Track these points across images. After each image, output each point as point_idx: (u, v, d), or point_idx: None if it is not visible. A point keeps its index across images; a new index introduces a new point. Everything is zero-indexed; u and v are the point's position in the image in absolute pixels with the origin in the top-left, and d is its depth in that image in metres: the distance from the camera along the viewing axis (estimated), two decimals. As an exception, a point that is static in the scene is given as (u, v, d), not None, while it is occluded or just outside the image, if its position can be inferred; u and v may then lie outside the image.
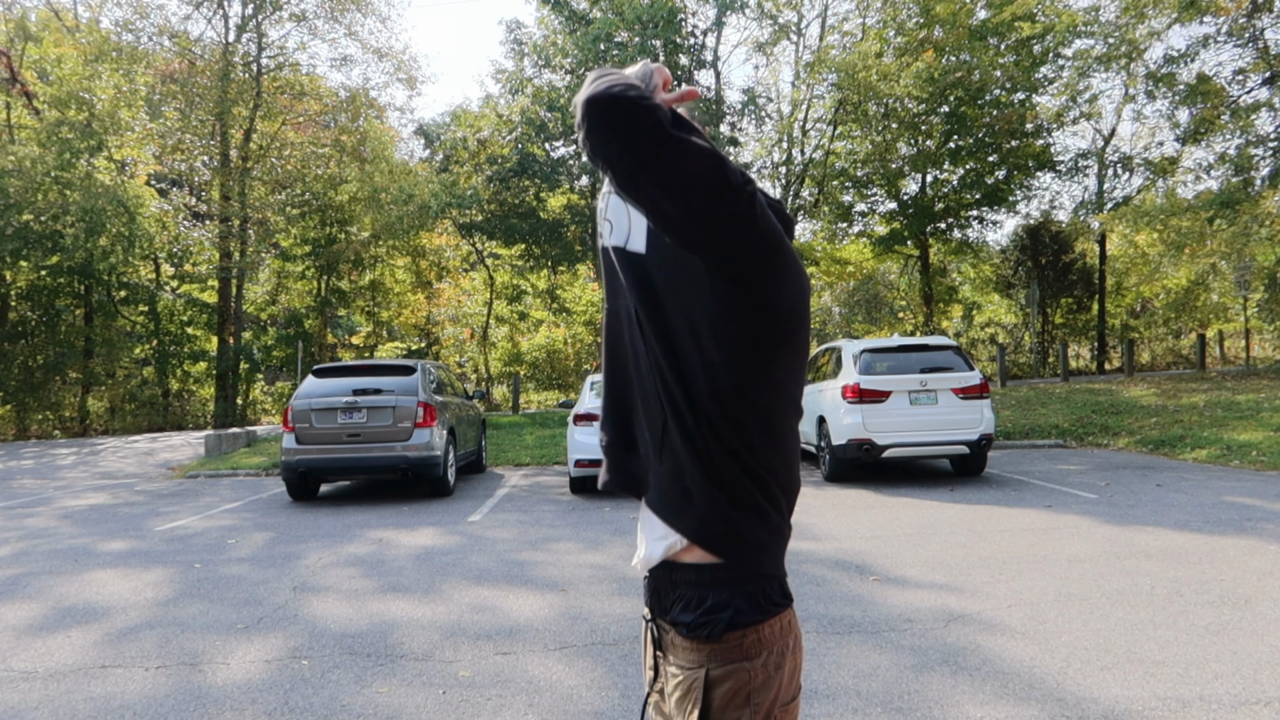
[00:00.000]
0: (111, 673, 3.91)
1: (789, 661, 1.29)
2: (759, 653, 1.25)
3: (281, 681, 3.75)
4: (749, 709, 1.24)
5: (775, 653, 1.26)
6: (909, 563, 5.63)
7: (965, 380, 9.41)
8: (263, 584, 5.58)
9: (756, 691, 1.24)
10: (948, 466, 10.33)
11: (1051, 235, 26.89)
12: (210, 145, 24.12)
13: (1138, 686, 3.41)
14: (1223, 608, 4.41)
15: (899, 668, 3.70)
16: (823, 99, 23.55)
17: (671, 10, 20.92)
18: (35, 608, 5.11)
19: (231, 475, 12.55)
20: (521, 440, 14.93)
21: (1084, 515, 7.12)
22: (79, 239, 19.90)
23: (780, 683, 1.27)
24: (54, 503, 9.92)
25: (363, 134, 24.81)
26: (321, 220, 25.24)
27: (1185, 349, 29.59)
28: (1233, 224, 16.99)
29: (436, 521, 7.92)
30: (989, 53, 22.20)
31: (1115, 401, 15.25)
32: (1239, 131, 18.80)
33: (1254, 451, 10.32)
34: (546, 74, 23.25)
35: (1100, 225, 23.85)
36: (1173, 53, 19.56)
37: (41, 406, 23.62)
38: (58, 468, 13.84)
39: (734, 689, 1.24)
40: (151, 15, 22.89)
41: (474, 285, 31.61)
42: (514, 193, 24.37)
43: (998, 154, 23.89)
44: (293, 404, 9.39)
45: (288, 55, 24.75)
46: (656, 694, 1.36)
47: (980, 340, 30.91)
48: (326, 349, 28.36)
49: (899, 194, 25.98)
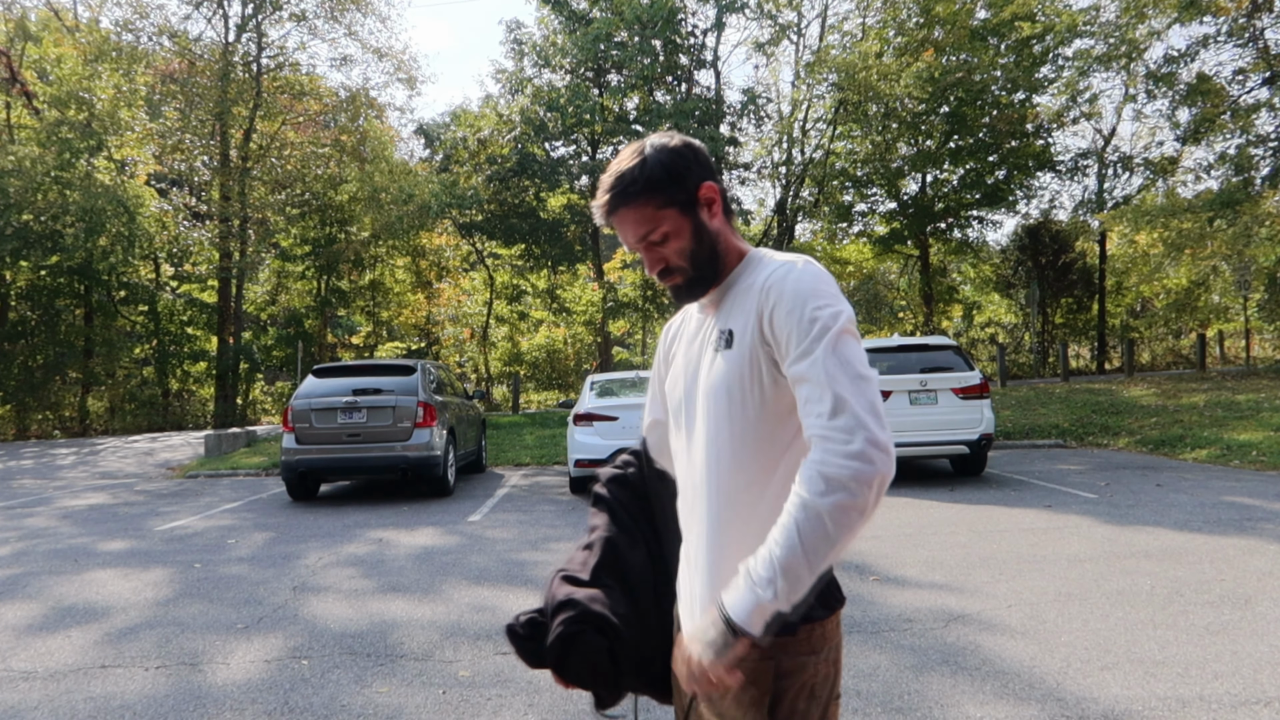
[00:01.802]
0: (111, 673, 3.91)
1: (840, 657, 1.36)
2: (822, 647, 1.31)
3: (281, 681, 3.75)
4: (815, 702, 1.30)
5: (834, 648, 1.33)
6: (909, 563, 5.63)
7: (965, 380, 9.41)
8: (262, 584, 5.58)
9: (819, 685, 1.30)
10: (948, 466, 10.33)
11: (1051, 235, 26.90)
12: (210, 145, 24.11)
13: (1138, 686, 3.41)
14: (1223, 608, 4.41)
15: (899, 668, 3.70)
16: (823, 99, 23.55)
17: (671, 10, 20.93)
18: (35, 608, 5.11)
19: (231, 475, 12.55)
20: (521, 440, 14.93)
21: (1084, 515, 7.12)
22: (79, 239, 19.90)
23: (834, 678, 1.34)
24: (54, 502, 9.92)
25: (363, 134, 24.80)
26: (321, 220, 25.24)
27: (1185, 349, 29.58)
28: (1233, 224, 16.99)
29: (436, 521, 7.92)
30: (989, 53, 22.20)
31: (1115, 401, 15.25)
32: (1239, 131, 18.81)
33: (1254, 451, 10.32)
34: (546, 74, 23.25)
35: (1100, 225, 23.86)
36: (1173, 52, 19.59)
37: (41, 406, 23.61)
38: (57, 468, 13.84)
39: (803, 682, 1.29)
40: (151, 15, 22.88)
41: (474, 285, 31.61)
42: (514, 193, 24.38)
43: (998, 154, 23.90)
44: (293, 404, 9.39)
45: (288, 55, 24.76)
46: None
47: (980, 340, 30.91)
48: (326, 349, 28.36)
49: (899, 194, 25.99)
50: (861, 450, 1.12)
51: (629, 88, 23.16)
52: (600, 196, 1.37)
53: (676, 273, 1.38)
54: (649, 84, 23.25)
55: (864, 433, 1.13)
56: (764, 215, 28.23)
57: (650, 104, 22.91)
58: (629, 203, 1.34)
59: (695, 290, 1.39)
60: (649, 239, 1.36)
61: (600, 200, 1.37)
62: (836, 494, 1.11)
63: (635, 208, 1.34)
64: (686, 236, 1.36)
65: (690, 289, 1.39)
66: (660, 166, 1.34)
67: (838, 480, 1.12)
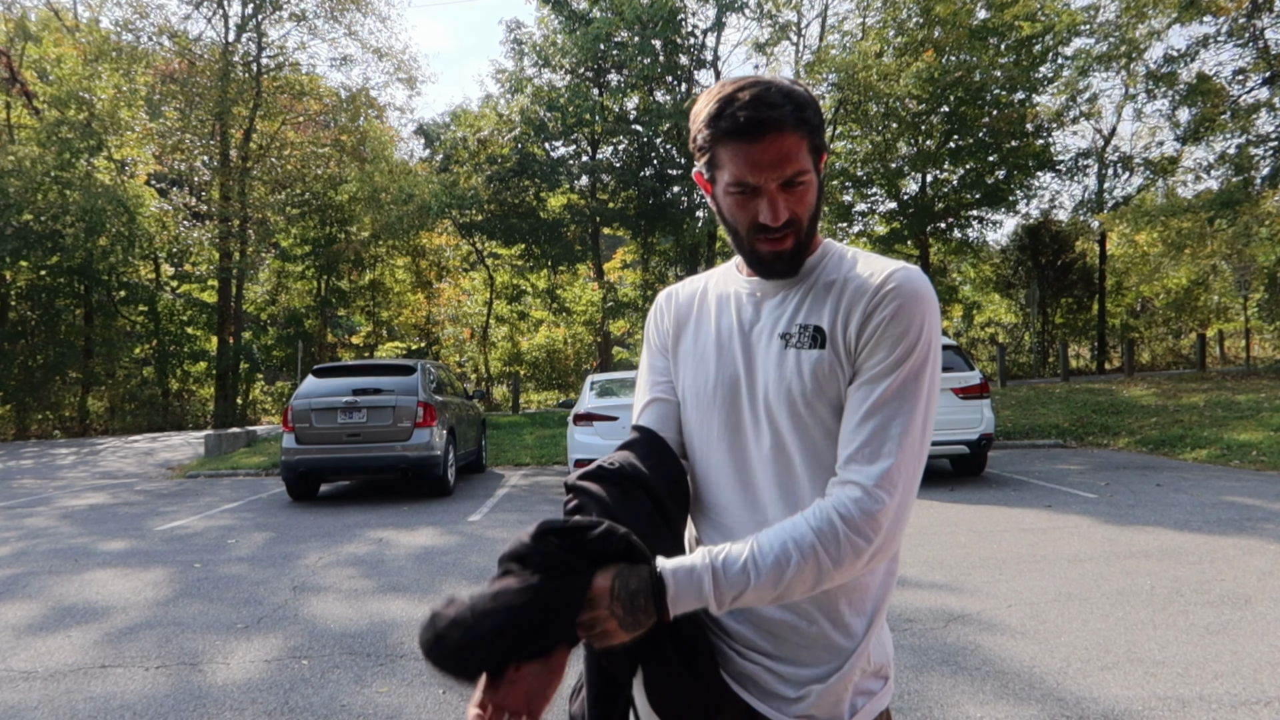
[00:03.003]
0: (111, 672, 3.90)
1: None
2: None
3: (281, 681, 3.74)
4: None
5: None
6: (909, 563, 5.63)
7: (965, 380, 9.41)
8: (262, 584, 5.58)
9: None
10: (948, 466, 10.33)
11: (1051, 235, 26.90)
12: (210, 145, 24.11)
13: (1138, 686, 3.41)
14: (1223, 608, 4.41)
15: (899, 668, 3.70)
16: (823, 99, 23.53)
17: (671, 10, 20.93)
18: (35, 607, 5.11)
19: (231, 475, 12.55)
20: (521, 440, 14.93)
21: (1084, 515, 7.12)
22: (79, 239, 19.91)
23: None
24: (54, 502, 9.92)
25: (363, 134, 24.81)
26: (321, 220, 25.24)
27: (1185, 349, 29.59)
28: (1233, 224, 16.99)
29: (436, 521, 7.92)
30: (989, 53, 22.19)
31: (1115, 401, 15.25)
32: (1239, 131, 18.81)
33: (1254, 451, 10.32)
34: (546, 74, 23.25)
35: (1100, 225, 23.86)
36: (1173, 52, 19.59)
37: (41, 406, 23.62)
38: (57, 467, 13.83)
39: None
40: (151, 15, 22.89)
41: (474, 285, 31.61)
42: (514, 192, 24.37)
43: (998, 154, 23.88)
44: (293, 404, 9.39)
45: (288, 55, 24.75)
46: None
47: (980, 340, 30.92)
48: (326, 349, 28.35)
49: (899, 194, 25.98)
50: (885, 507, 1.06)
51: (629, 88, 23.16)
52: (762, 107, 1.07)
53: (795, 231, 1.14)
54: (649, 84, 23.25)
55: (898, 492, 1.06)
56: (764, 215, 28.20)
57: (650, 104, 22.92)
58: (798, 128, 1.09)
59: (797, 260, 1.17)
60: (797, 178, 1.11)
61: (764, 114, 1.07)
62: (859, 544, 1.04)
63: (799, 136, 1.10)
64: (815, 192, 1.15)
65: (796, 256, 1.16)
66: (815, 108, 1.12)
67: (867, 531, 1.04)
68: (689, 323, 1.30)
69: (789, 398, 1.13)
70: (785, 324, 1.17)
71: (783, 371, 1.14)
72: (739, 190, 1.12)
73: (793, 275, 1.19)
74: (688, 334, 1.29)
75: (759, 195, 1.11)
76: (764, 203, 1.11)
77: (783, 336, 1.16)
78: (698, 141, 1.16)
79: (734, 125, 1.08)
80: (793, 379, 1.13)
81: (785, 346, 1.15)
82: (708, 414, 1.22)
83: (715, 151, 1.12)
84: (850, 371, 1.12)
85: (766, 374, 1.16)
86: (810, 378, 1.12)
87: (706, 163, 1.16)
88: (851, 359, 1.12)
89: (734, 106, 1.08)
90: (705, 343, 1.25)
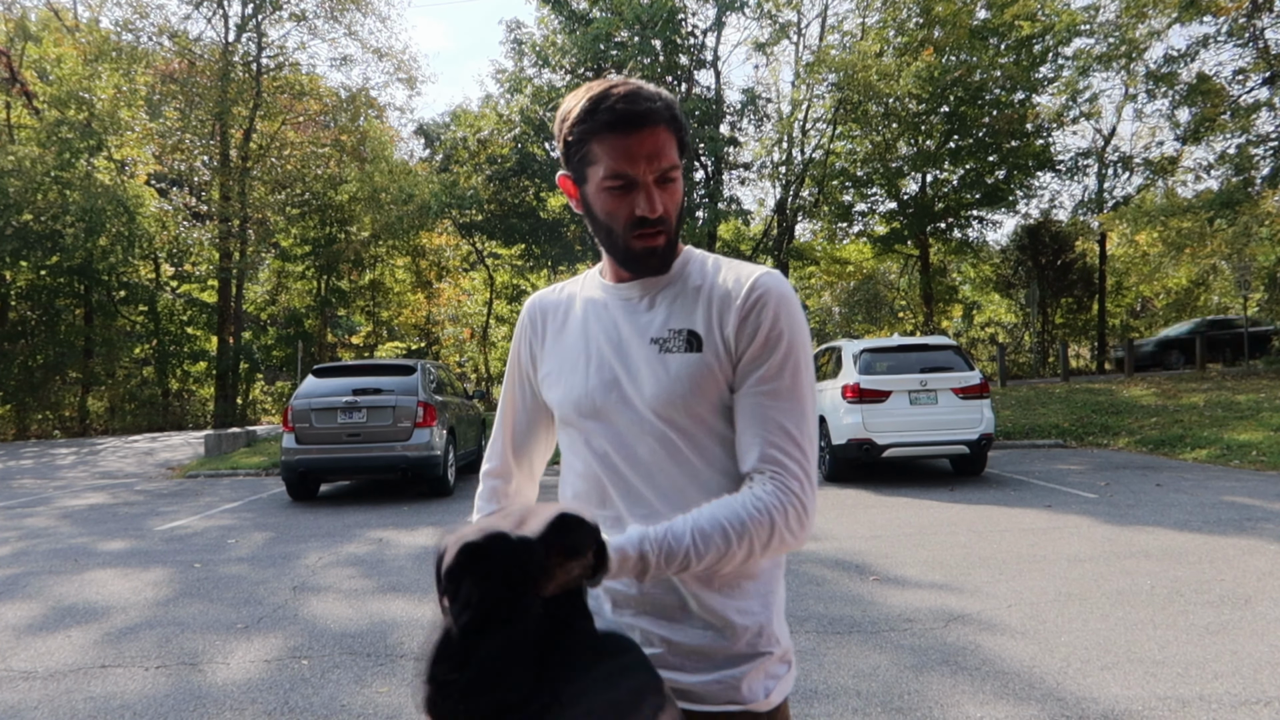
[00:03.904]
0: (111, 672, 3.91)
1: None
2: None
3: (281, 681, 3.74)
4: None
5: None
6: (909, 563, 5.63)
7: (965, 380, 9.41)
8: (262, 584, 5.58)
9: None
10: (948, 466, 10.33)
11: (1051, 235, 26.87)
12: (210, 145, 24.12)
13: (1138, 686, 3.41)
14: (1223, 608, 4.41)
15: (899, 668, 3.70)
16: (823, 99, 23.53)
17: (671, 10, 20.91)
18: (35, 607, 5.11)
19: (231, 475, 12.55)
20: (521, 440, 14.91)
21: (1084, 515, 7.12)
22: (79, 239, 19.91)
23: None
24: (53, 502, 9.92)
25: (363, 134, 24.81)
26: (321, 220, 25.24)
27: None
28: (1233, 224, 16.98)
29: (436, 521, 7.92)
30: (989, 53, 22.18)
31: (1115, 401, 15.25)
32: (1239, 131, 18.80)
33: (1254, 451, 10.32)
34: (546, 74, 23.24)
35: (1100, 225, 23.82)
36: (1173, 52, 19.57)
37: (41, 406, 23.62)
38: (57, 467, 13.83)
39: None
40: (151, 15, 22.90)
41: (474, 285, 31.62)
42: (514, 192, 24.38)
43: (998, 154, 23.87)
44: (293, 404, 9.39)
45: (288, 55, 24.75)
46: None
47: (980, 340, 30.90)
48: (326, 349, 28.35)
49: (899, 194, 25.97)
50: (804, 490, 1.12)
51: (629, 88, 23.10)
52: (639, 100, 1.10)
53: (666, 229, 1.16)
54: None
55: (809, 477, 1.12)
56: (764, 215, 28.24)
57: (650, 104, 22.87)
58: (670, 124, 1.13)
59: (668, 258, 1.18)
60: (669, 173, 1.14)
61: (642, 106, 1.10)
62: (790, 526, 1.09)
63: (670, 132, 1.13)
64: (681, 192, 1.18)
65: (668, 253, 1.18)
66: (680, 109, 1.17)
67: (796, 515, 1.10)
68: (559, 329, 1.30)
69: (669, 401, 1.15)
70: (657, 329, 1.18)
71: (659, 375, 1.15)
72: (616, 184, 1.13)
73: (664, 272, 1.20)
74: (558, 340, 1.29)
75: (635, 189, 1.13)
76: (641, 196, 1.12)
77: (654, 341, 1.17)
78: (570, 139, 1.15)
79: (612, 117, 1.10)
80: (671, 382, 1.14)
81: (660, 351, 1.17)
82: (586, 421, 1.22)
83: (589, 147, 1.13)
84: (730, 373, 1.15)
85: (643, 379, 1.17)
86: (688, 380, 1.14)
87: (578, 161, 1.16)
88: (732, 361, 1.14)
89: (610, 100, 1.10)
90: (576, 350, 1.25)
